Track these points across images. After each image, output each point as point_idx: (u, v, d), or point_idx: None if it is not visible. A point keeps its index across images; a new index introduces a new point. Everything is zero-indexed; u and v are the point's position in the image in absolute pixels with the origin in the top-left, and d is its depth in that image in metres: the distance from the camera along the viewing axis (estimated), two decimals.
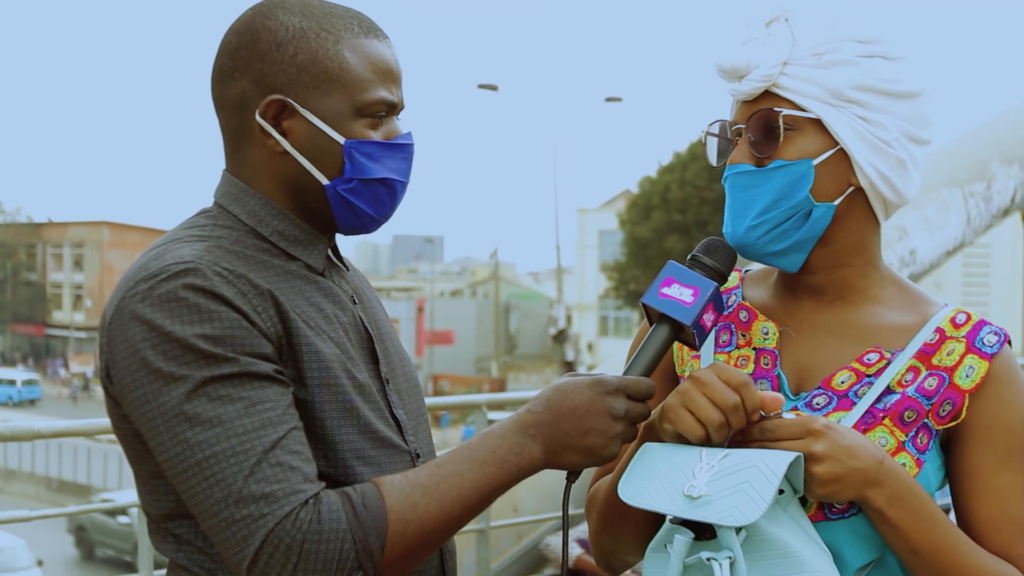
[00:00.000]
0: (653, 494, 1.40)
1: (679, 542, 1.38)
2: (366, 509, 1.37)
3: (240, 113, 1.54)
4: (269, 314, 1.44)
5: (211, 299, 1.39)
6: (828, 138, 1.50)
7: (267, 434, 1.36)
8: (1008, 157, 8.00)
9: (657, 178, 35.02)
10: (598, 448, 1.46)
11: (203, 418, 1.36)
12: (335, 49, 1.52)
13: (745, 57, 1.50)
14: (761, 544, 1.36)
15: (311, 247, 1.57)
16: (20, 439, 3.41)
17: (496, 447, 1.45)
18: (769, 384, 1.56)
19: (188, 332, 1.37)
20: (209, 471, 1.35)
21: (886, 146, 1.51)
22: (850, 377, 1.52)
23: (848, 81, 1.49)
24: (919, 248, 7.33)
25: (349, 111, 1.52)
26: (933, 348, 1.52)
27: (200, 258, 1.42)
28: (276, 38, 1.51)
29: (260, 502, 1.33)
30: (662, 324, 1.51)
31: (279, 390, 1.40)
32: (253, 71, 1.52)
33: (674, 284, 1.51)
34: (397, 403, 1.61)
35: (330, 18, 1.54)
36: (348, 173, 1.53)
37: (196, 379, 1.36)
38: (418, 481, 1.41)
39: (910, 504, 1.42)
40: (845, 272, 1.57)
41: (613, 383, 1.48)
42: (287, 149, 1.52)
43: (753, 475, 1.35)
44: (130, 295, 1.41)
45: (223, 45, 1.56)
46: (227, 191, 1.57)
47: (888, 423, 1.49)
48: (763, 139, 1.52)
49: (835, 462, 1.38)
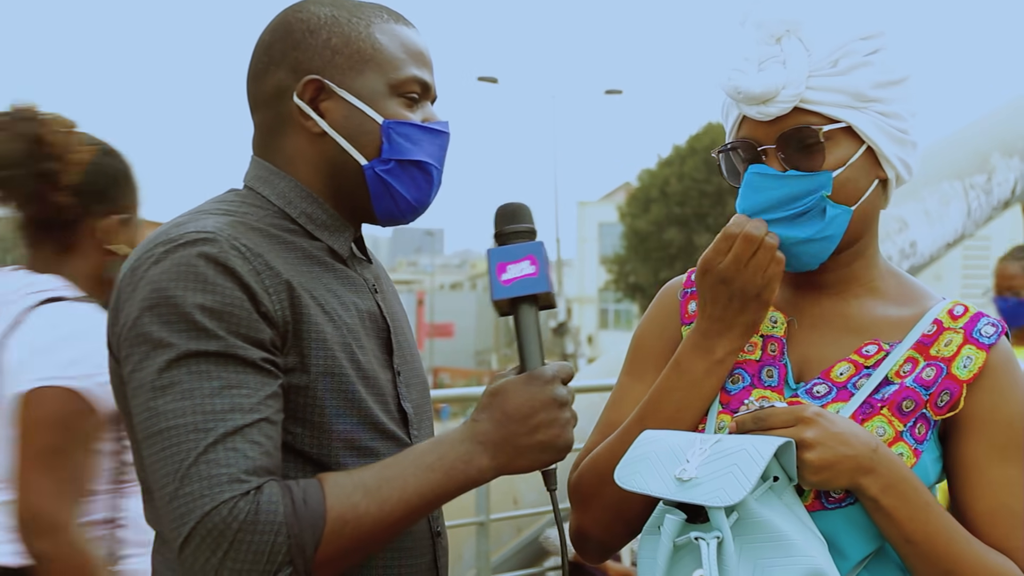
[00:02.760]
0: (647, 477, 1.42)
1: (670, 522, 1.39)
2: (305, 505, 1.36)
3: (277, 104, 1.56)
4: (280, 296, 1.44)
5: (221, 271, 1.39)
6: (856, 140, 1.51)
7: (233, 419, 1.36)
8: (1009, 149, 7.99)
9: (656, 171, 35.03)
10: (552, 440, 1.47)
11: (177, 388, 1.36)
12: (367, 32, 1.56)
13: (770, 80, 1.48)
14: (752, 527, 1.37)
15: (337, 233, 1.58)
16: None
17: (444, 454, 1.45)
18: (776, 371, 1.57)
19: (188, 300, 1.38)
20: (167, 441, 1.35)
21: (904, 134, 1.54)
22: (849, 369, 1.53)
23: (867, 82, 1.49)
24: (919, 240, 7.32)
25: (384, 89, 1.55)
26: (931, 339, 1.53)
27: (221, 230, 1.43)
28: (308, 26, 1.55)
29: (203, 482, 1.33)
30: (522, 306, 1.52)
31: (260, 379, 1.40)
32: (289, 60, 1.55)
33: (508, 266, 1.51)
34: (405, 395, 1.61)
35: (360, 8, 1.59)
36: (386, 153, 1.54)
37: (181, 349, 1.37)
38: (362, 481, 1.41)
39: (905, 493, 1.42)
40: (857, 265, 1.59)
41: (549, 372, 1.49)
42: (325, 130, 1.54)
43: (742, 458, 1.36)
44: (146, 256, 1.43)
45: (258, 45, 1.59)
46: (257, 174, 1.59)
47: (886, 413, 1.49)
48: (798, 155, 1.50)
49: (825, 448, 1.39)
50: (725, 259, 1.51)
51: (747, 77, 1.50)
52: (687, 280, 1.70)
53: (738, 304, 1.53)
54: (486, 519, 4.75)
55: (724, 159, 1.59)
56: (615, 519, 1.61)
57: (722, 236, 1.52)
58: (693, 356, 1.55)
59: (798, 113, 1.49)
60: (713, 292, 1.53)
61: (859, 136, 1.51)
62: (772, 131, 1.51)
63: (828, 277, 1.59)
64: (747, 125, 1.54)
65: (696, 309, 1.65)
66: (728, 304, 1.53)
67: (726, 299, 1.53)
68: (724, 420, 1.55)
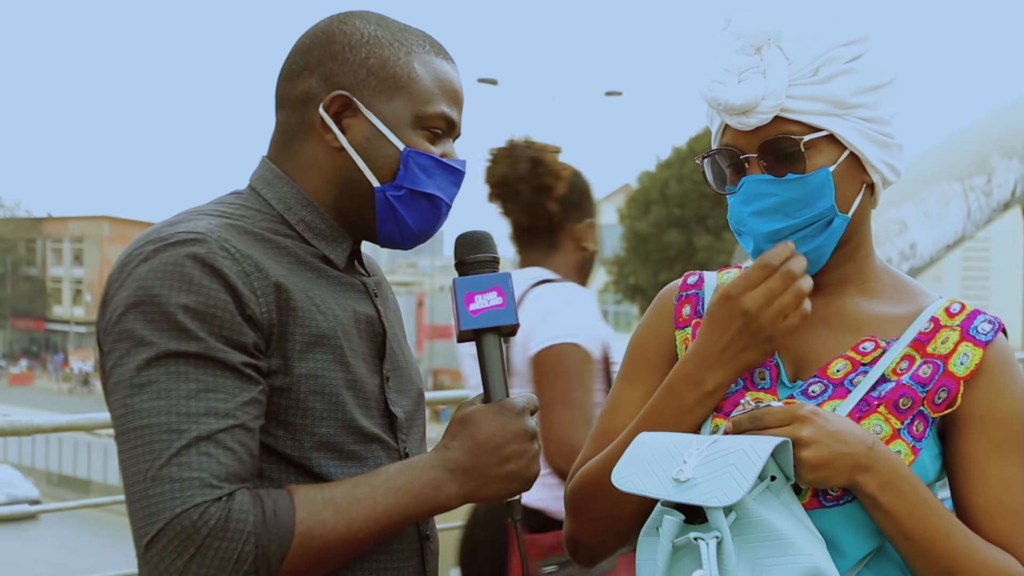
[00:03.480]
0: (644, 479, 1.42)
1: (668, 523, 1.39)
2: (275, 516, 1.37)
3: (302, 109, 1.57)
4: (268, 299, 1.44)
5: (207, 273, 1.40)
6: (838, 146, 1.51)
7: (208, 423, 1.36)
8: (1008, 151, 7.99)
9: (656, 173, 35.06)
10: (520, 472, 1.50)
11: (153, 388, 1.36)
12: (406, 59, 1.57)
13: (750, 91, 1.48)
14: (751, 527, 1.37)
15: (335, 243, 1.59)
16: (20, 434, 3.42)
17: (414, 478, 1.46)
18: (768, 373, 1.56)
19: (172, 300, 1.38)
20: (140, 440, 1.36)
21: (888, 138, 1.53)
22: (845, 366, 1.53)
23: (849, 89, 1.49)
24: (919, 242, 7.32)
25: (410, 120, 1.56)
26: (928, 337, 1.53)
27: (212, 231, 1.43)
28: (351, 41, 1.56)
29: (174, 484, 1.33)
30: (486, 336, 1.53)
31: (239, 384, 1.40)
32: (323, 69, 1.56)
33: (476, 296, 1.52)
34: (395, 400, 1.61)
35: (405, 33, 1.60)
36: (400, 180, 1.56)
37: (161, 348, 1.37)
38: (332, 498, 1.42)
39: (902, 490, 1.42)
40: (849, 267, 1.59)
41: (519, 404, 1.51)
42: (344, 145, 1.55)
43: (739, 458, 1.36)
44: (135, 253, 1.43)
45: (296, 46, 1.60)
46: (262, 175, 1.60)
47: (883, 411, 1.49)
48: (779, 163, 1.50)
49: (822, 447, 1.39)
50: (755, 291, 1.48)
51: (727, 88, 1.50)
52: (683, 283, 1.70)
53: (746, 340, 1.50)
54: None
55: (709, 165, 1.59)
56: (607, 530, 1.62)
57: (758, 265, 1.49)
58: (685, 385, 1.53)
59: (779, 122, 1.49)
60: (727, 317, 1.50)
61: (843, 144, 1.51)
62: (754, 140, 1.51)
63: (821, 278, 1.58)
64: (730, 132, 1.54)
65: (690, 314, 1.66)
66: (737, 337, 1.50)
67: (736, 331, 1.49)
68: (718, 423, 1.54)
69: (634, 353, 1.72)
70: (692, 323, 1.66)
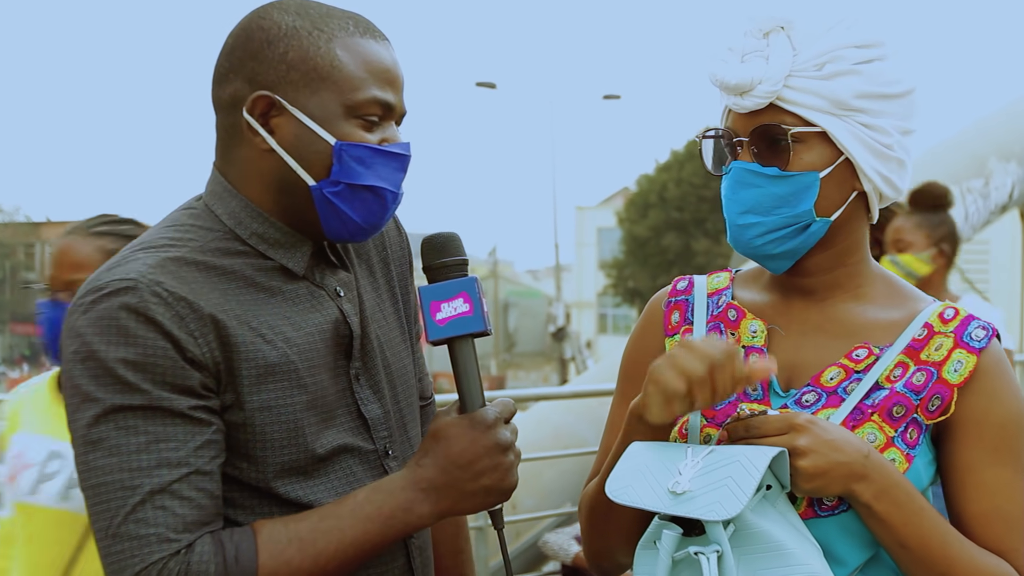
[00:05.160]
0: (639, 492, 1.41)
1: (667, 537, 1.38)
2: (237, 563, 1.37)
3: (233, 113, 1.51)
4: (207, 339, 1.42)
5: (141, 322, 1.38)
6: (833, 148, 1.50)
7: (160, 475, 1.36)
8: (1006, 153, 8.00)
9: (655, 176, 35.05)
10: (496, 484, 1.47)
11: (104, 445, 1.37)
12: (327, 47, 1.49)
13: (748, 73, 1.48)
14: (749, 539, 1.36)
15: (292, 250, 1.54)
16: None
17: (383, 503, 1.45)
18: (758, 382, 1.55)
19: (111, 355, 1.37)
20: (98, 498, 1.37)
21: (888, 150, 1.51)
22: (839, 373, 1.53)
23: (851, 91, 1.47)
24: None
25: (340, 111, 1.48)
26: (921, 343, 1.52)
27: (143, 275, 1.40)
28: (268, 36, 1.49)
29: (132, 542, 1.34)
30: (458, 343, 1.49)
31: (189, 429, 1.39)
32: (246, 70, 1.50)
33: (442, 304, 1.48)
34: (369, 399, 1.58)
35: (326, 18, 1.51)
36: (335, 175, 1.48)
37: (107, 404, 1.37)
38: (296, 534, 1.41)
39: (897, 498, 1.42)
40: (839, 273, 1.58)
41: (491, 416, 1.48)
42: (273, 147, 1.49)
43: (736, 470, 1.35)
44: (77, 304, 1.42)
45: (222, 47, 1.55)
46: (213, 190, 1.56)
47: (877, 419, 1.49)
48: (768, 152, 1.50)
49: (819, 456, 1.39)
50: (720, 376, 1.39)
51: (727, 67, 1.50)
52: (672, 289, 1.70)
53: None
54: (485, 524, 4.74)
55: (711, 146, 1.58)
56: (621, 541, 1.59)
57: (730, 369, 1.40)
58: (633, 421, 1.49)
59: (775, 111, 1.49)
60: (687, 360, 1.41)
61: (837, 146, 1.49)
62: (749, 124, 1.51)
63: (810, 283, 1.58)
64: (731, 116, 1.54)
65: (679, 321, 1.65)
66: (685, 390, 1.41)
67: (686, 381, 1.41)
68: (709, 433, 1.54)
69: (626, 368, 1.71)
70: (681, 330, 1.65)
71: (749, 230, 1.52)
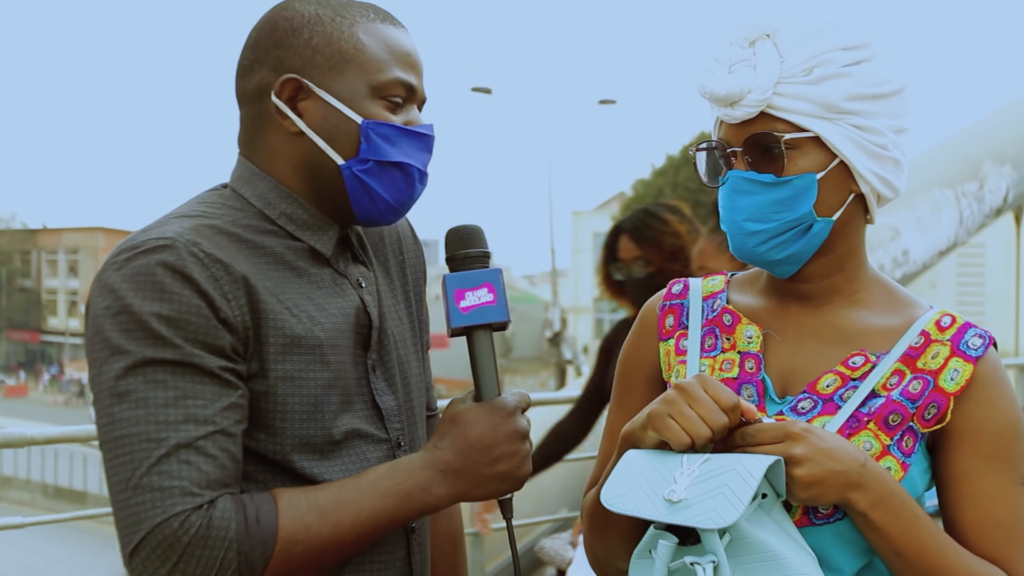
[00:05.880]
0: (635, 500, 1.40)
1: (663, 547, 1.38)
2: (258, 523, 1.37)
3: (259, 101, 1.56)
4: (239, 302, 1.43)
5: (178, 279, 1.40)
6: (827, 152, 1.49)
7: (187, 430, 1.36)
8: (1000, 157, 8.02)
9: (651, 181, 35.09)
10: (512, 471, 1.50)
11: (132, 397, 1.37)
12: (350, 31, 1.54)
13: (737, 83, 1.47)
14: (745, 548, 1.36)
15: (319, 232, 1.57)
16: (14, 446, 3.41)
17: (401, 481, 1.46)
18: (754, 388, 1.55)
19: (146, 309, 1.38)
20: (121, 449, 1.36)
21: (882, 150, 1.51)
22: (835, 380, 1.52)
23: (841, 94, 1.47)
24: (912, 248, 7.33)
25: (365, 91, 1.53)
26: (918, 351, 1.52)
27: (181, 235, 1.43)
28: (292, 25, 1.55)
29: (155, 493, 1.34)
30: (477, 332, 1.51)
31: (217, 390, 1.40)
32: (271, 59, 1.55)
33: (466, 293, 1.50)
34: (383, 390, 1.60)
35: (346, 7, 1.57)
36: (364, 153, 1.53)
37: (138, 357, 1.37)
38: (317, 502, 1.42)
39: (893, 507, 1.41)
40: (837, 278, 1.57)
41: (511, 404, 1.50)
42: (302, 129, 1.54)
43: (732, 478, 1.35)
44: (110, 262, 1.44)
45: (245, 42, 1.60)
46: (240, 175, 1.59)
47: (873, 427, 1.48)
48: (763, 160, 1.49)
49: (815, 464, 1.38)
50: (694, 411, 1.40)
51: (715, 78, 1.50)
52: (667, 293, 1.69)
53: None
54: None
55: (705, 158, 1.58)
56: (624, 549, 1.57)
57: None
58: (626, 447, 1.50)
59: (766, 119, 1.48)
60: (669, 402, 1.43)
61: (831, 150, 1.49)
62: (741, 134, 1.50)
63: (808, 288, 1.57)
64: (723, 127, 1.54)
65: (673, 325, 1.64)
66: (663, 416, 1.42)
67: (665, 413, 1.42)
68: None
69: (621, 375, 1.71)
70: (676, 334, 1.64)
71: (752, 238, 1.52)
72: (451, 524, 1.87)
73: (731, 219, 1.53)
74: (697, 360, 1.61)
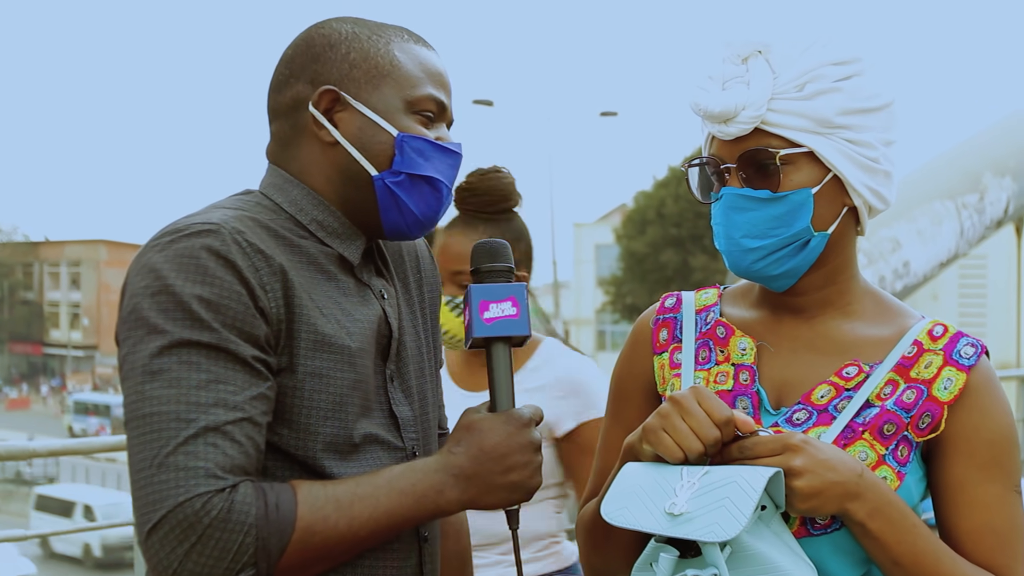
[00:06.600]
0: (635, 513, 1.40)
1: (664, 560, 1.38)
2: (277, 510, 1.38)
3: (294, 114, 1.59)
4: (276, 294, 1.46)
5: (221, 264, 1.41)
6: (821, 167, 1.50)
7: (216, 414, 1.37)
8: (1000, 168, 8.04)
9: (652, 192, 35.09)
10: (523, 482, 1.50)
11: (165, 376, 1.38)
12: (386, 48, 1.59)
13: (731, 100, 1.48)
14: (746, 560, 1.36)
15: (348, 240, 1.60)
16: (16, 458, 3.42)
17: (417, 481, 1.47)
18: (749, 400, 1.56)
19: (187, 290, 1.40)
20: (148, 427, 1.37)
21: (874, 163, 1.52)
22: (829, 391, 1.53)
23: (834, 108, 1.48)
24: (912, 260, 7.35)
25: (400, 105, 1.57)
26: (911, 361, 1.53)
27: (226, 223, 1.45)
28: (329, 41, 1.59)
29: (179, 472, 1.34)
30: (496, 344, 1.53)
31: (248, 378, 1.41)
32: (308, 72, 1.58)
33: (490, 305, 1.52)
34: (400, 400, 1.62)
35: (381, 27, 1.62)
36: (397, 166, 1.56)
37: (174, 337, 1.38)
38: (335, 495, 1.43)
39: (891, 516, 1.42)
40: (830, 290, 1.58)
41: (526, 415, 1.52)
42: (338, 139, 1.56)
43: (733, 491, 1.35)
44: (152, 244, 1.45)
45: (280, 58, 1.63)
46: (272, 181, 1.61)
47: (868, 437, 1.49)
48: (757, 176, 1.50)
49: (814, 476, 1.39)
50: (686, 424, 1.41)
51: (708, 95, 1.51)
52: (660, 307, 1.70)
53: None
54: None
55: (696, 174, 1.59)
56: (624, 562, 1.58)
57: None
58: (627, 459, 1.51)
59: (760, 135, 1.49)
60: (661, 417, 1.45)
61: (825, 164, 1.50)
62: (735, 151, 1.52)
63: (801, 301, 1.58)
64: (716, 143, 1.55)
65: (667, 339, 1.65)
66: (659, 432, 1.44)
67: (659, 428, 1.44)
68: None
69: (616, 389, 1.72)
70: (670, 348, 1.65)
71: (750, 254, 1.53)
72: (459, 543, 1.88)
73: (728, 236, 1.54)
74: (692, 373, 1.62)
